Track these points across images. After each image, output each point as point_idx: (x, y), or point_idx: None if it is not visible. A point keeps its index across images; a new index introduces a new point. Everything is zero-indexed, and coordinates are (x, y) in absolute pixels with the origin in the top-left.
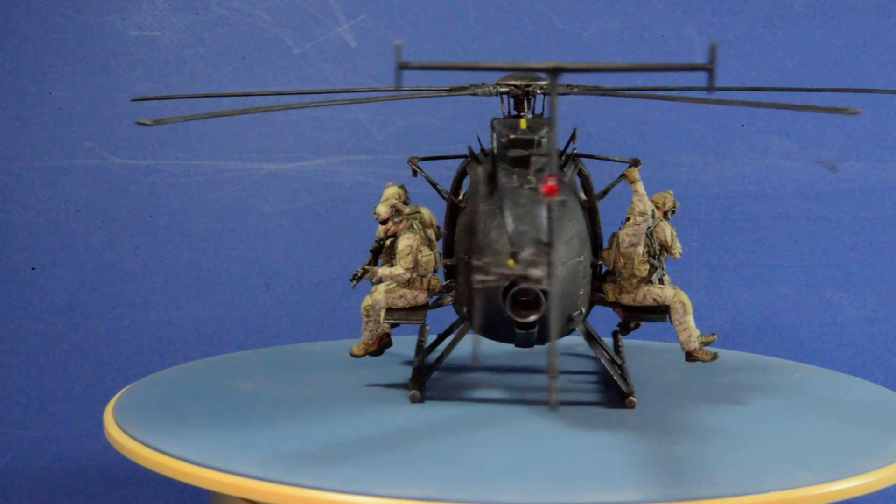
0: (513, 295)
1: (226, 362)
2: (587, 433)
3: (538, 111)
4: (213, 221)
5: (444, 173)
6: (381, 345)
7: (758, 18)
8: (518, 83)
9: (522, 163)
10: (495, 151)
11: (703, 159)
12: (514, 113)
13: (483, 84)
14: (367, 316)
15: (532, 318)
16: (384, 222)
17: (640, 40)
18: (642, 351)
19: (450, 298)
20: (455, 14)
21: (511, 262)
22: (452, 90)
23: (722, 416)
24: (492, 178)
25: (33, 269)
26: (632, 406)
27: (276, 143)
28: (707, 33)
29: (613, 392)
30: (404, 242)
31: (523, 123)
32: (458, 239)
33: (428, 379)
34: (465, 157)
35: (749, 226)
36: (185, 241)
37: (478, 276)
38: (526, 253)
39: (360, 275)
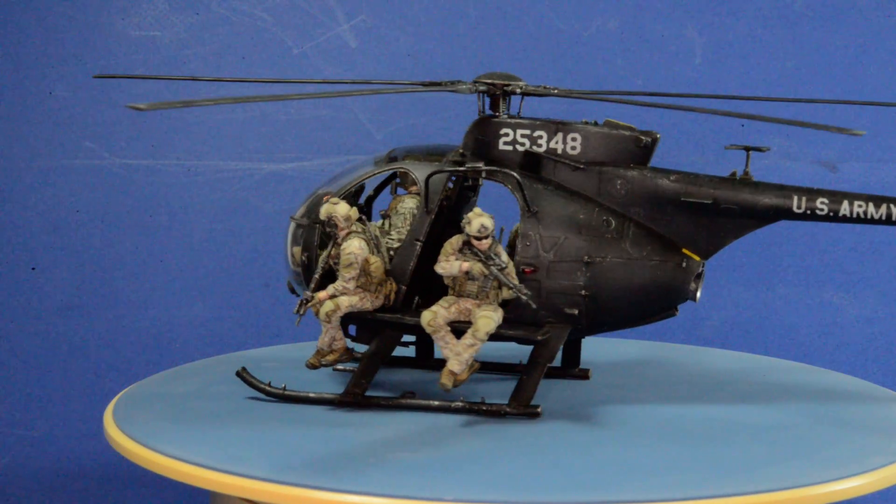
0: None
1: (226, 362)
2: (570, 434)
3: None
4: (213, 221)
5: None
6: (472, 370)
7: (758, 18)
8: (496, 81)
9: (644, 160)
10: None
11: (703, 159)
12: (489, 112)
13: (459, 81)
14: (484, 339)
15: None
16: (487, 237)
17: (640, 40)
18: (632, 351)
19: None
20: (455, 14)
21: (685, 249)
22: (428, 85)
23: (720, 416)
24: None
25: (33, 269)
26: (589, 377)
27: (276, 143)
28: (707, 33)
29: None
30: (505, 257)
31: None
32: (550, 240)
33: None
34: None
35: None
36: (185, 241)
37: (652, 266)
38: None
39: (306, 304)
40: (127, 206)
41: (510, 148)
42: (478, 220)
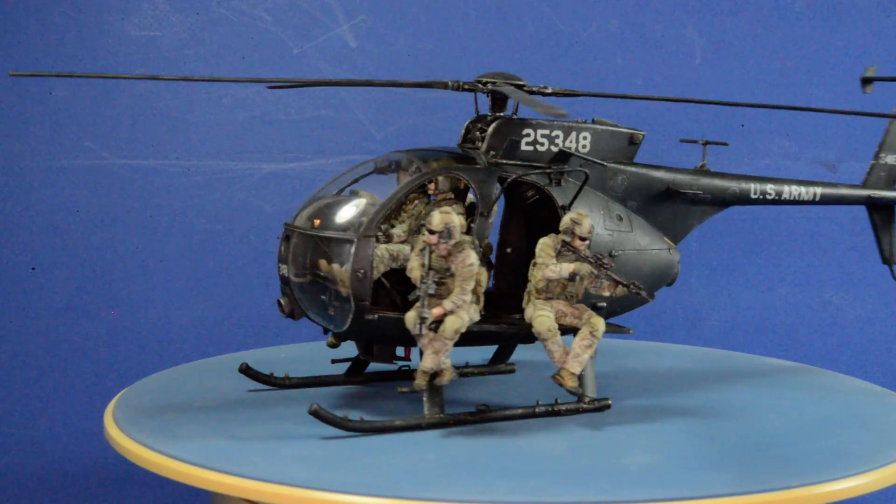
0: None
1: (226, 362)
2: (566, 433)
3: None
4: (213, 221)
5: None
6: None
7: (758, 18)
8: (494, 80)
9: (632, 156)
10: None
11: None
12: (487, 112)
13: (456, 81)
14: (601, 338)
15: None
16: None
17: (640, 40)
18: (637, 351)
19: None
20: (455, 14)
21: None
22: (423, 85)
23: (720, 416)
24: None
25: (33, 269)
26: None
27: (276, 143)
28: (707, 33)
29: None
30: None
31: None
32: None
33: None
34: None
35: (749, 226)
36: (185, 241)
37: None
38: None
39: (426, 323)
40: (127, 206)
41: (531, 148)
42: (587, 220)
